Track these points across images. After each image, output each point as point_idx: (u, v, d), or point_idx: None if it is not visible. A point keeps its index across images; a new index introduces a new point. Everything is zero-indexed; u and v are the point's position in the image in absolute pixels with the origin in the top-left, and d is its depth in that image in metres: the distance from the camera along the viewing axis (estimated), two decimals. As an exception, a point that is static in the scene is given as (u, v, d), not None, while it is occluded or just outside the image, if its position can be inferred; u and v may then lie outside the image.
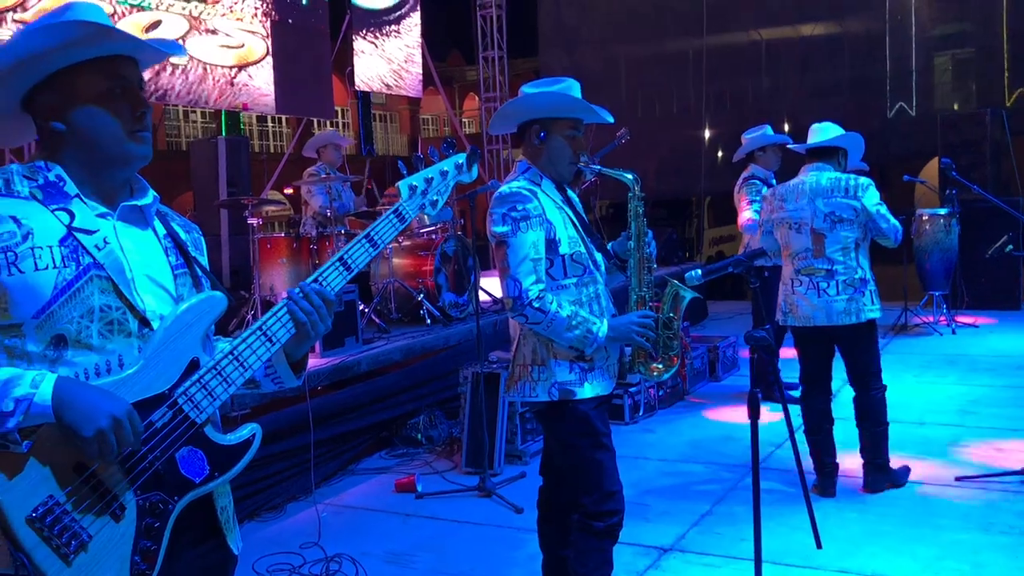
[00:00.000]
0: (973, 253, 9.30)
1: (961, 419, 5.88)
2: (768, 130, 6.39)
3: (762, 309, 3.85)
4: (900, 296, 8.87)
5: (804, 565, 3.81)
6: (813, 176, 4.57)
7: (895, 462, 4.74)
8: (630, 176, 3.02)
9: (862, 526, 4.21)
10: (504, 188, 2.92)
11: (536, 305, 2.80)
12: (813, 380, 4.68)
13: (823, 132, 4.62)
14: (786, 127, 14.64)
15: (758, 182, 6.26)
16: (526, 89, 2.98)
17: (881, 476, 4.63)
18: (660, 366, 3.02)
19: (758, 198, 6.05)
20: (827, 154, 4.60)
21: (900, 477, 4.72)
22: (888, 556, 3.87)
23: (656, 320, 2.95)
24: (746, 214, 6.22)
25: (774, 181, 6.28)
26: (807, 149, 4.67)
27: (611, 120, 3.05)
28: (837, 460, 4.65)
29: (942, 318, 9.05)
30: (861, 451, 4.66)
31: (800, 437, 4.37)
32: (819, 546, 3.96)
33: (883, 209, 4.45)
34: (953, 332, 8.75)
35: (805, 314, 4.54)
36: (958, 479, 4.72)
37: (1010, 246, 5.23)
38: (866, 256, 4.56)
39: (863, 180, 4.50)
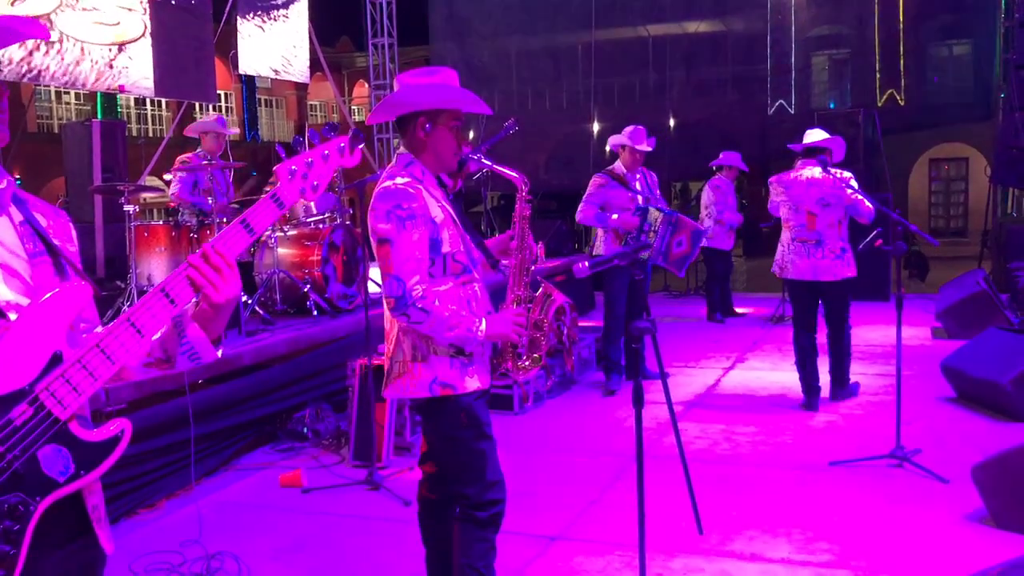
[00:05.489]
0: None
1: (835, 407, 6.12)
2: (643, 135, 6.55)
3: (642, 300, 3.94)
4: (779, 288, 9.19)
5: (687, 551, 3.91)
6: (807, 171, 5.97)
7: (768, 451, 4.93)
8: (515, 175, 3.03)
9: (742, 510, 4.34)
10: (388, 183, 2.84)
11: (419, 305, 2.75)
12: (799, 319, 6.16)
13: (812, 135, 6.04)
14: (671, 121, 14.98)
15: (605, 176, 6.50)
16: (406, 80, 2.92)
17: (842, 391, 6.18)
18: (527, 364, 3.08)
19: (596, 192, 6.46)
20: (816, 152, 5.92)
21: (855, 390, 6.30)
22: (765, 538, 4.00)
23: (528, 319, 2.98)
24: (581, 206, 6.52)
25: (630, 178, 6.49)
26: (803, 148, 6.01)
27: (491, 112, 3.03)
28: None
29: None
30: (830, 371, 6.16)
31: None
32: (701, 532, 4.09)
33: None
34: (828, 322, 9.09)
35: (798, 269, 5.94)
36: (831, 463, 4.93)
37: (879, 241, 5.49)
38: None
39: (845, 173, 5.72)
